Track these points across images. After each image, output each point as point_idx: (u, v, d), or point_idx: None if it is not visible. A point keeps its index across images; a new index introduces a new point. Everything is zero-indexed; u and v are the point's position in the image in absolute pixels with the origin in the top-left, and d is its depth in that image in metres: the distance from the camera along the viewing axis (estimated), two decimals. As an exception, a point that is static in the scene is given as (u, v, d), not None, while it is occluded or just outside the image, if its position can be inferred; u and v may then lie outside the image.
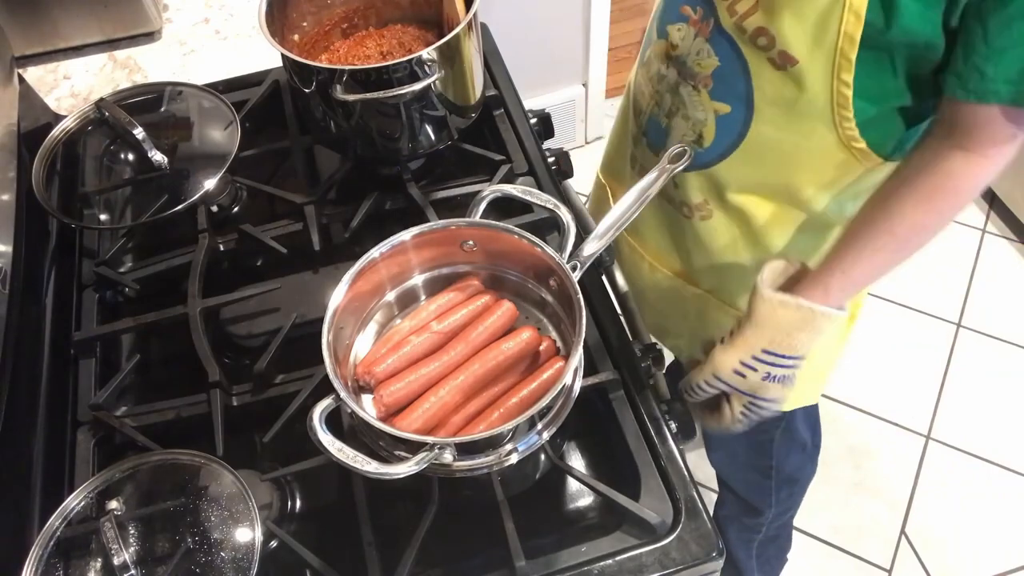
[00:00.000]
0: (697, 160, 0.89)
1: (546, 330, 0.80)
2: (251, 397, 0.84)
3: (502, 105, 1.10)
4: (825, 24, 0.72)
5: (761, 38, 0.77)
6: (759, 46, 0.78)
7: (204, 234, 0.96)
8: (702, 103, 0.87)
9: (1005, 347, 2.04)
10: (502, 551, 0.72)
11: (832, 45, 0.73)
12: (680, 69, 0.88)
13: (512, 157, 1.03)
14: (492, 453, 0.70)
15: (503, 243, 0.78)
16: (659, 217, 1.03)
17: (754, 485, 1.32)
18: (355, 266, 0.74)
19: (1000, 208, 2.26)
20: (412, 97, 0.91)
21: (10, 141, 0.96)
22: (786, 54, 0.76)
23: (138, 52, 1.29)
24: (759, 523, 1.41)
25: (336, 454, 0.62)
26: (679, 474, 0.76)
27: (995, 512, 1.78)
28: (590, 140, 2.50)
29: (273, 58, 1.00)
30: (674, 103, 0.91)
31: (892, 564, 1.73)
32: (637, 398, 0.81)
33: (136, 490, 0.74)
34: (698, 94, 0.87)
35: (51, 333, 0.92)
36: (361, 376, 0.74)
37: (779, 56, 0.77)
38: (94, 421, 0.84)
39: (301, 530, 0.79)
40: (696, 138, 0.89)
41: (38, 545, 0.70)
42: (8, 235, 0.88)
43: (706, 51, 0.84)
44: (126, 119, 0.97)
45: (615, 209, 0.79)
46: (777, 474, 1.27)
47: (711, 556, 0.72)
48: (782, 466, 1.26)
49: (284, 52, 0.89)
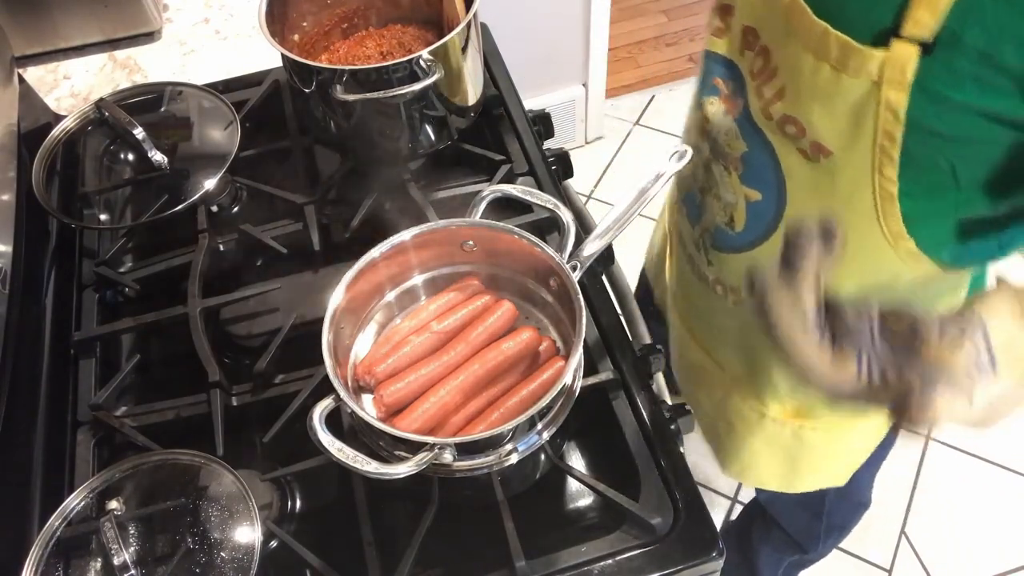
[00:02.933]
0: (733, 242, 0.82)
1: (546, 330, 0.80)
2: (251, 397, 0.84)
3: (502, 105, 1.10)
4: (859, 119, 0.63)
5: (790, 126, 0.68)
6: (788, 134, 0.69)
7: (204, 234, 0.96)
8: (732, 186, 0.79)
9: (1005, 347, 2.04)
10: (502, 551, 0.72)
11: (870, 140, 0.63)
12: (712, 146, 0.81)
13: (512, 157, 1.03)
14: (492, 453, 0.70)
15: (503, 243, 0.78)
16: (692, 292, 0.96)
17: (802, 525, 1.23)
18: (355, 266, 0.74)
19: (1000, 208, 2.26)
20: (412, 97, 0.90)
21: (10, 141, 0.96)
22: (819, 145, 0.67)
23: (138, 52, 1.29)
24: (798, 560, 1.34)
25: (336, 454, 0.62)
26: (679, 474, 0.76)
27: (995, 512, 1.78)
28: (590, 140, 2.50)
29: (273, 58, 1.00)
30: (707, 180, 0.84)
31: (892, 564, 1.73)
32: (637, 398, 0.81)
33: (136, 490, 0.74)
34: (729, 176, 0.79)
35: (51, 333, 0.92)
36: (361, 376, 0.74)
37: (811, 147, 0.68)
38: (94, 421, 0.84)
39: (301, 530, 0.79)
40: (728, 220, 0.82)
41: (38, 545, 0.70)
42: (8, 235, 0.88)
43: (735, 132, 0.76)
44: (126, 119, 0.97)
45: (615, 209, 0.79)
46: (828, 519, 1.18)
47: (711, 556, 0.72)
48: (833, 514, 1.17)
49: (284, 52, 0.89)
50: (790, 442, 0.96)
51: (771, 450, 0.98)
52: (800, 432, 0.94)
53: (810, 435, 0.94)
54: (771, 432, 0.96)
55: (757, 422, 0.96)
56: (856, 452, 0.99)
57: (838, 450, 0.97)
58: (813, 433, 0.93)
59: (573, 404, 0.73)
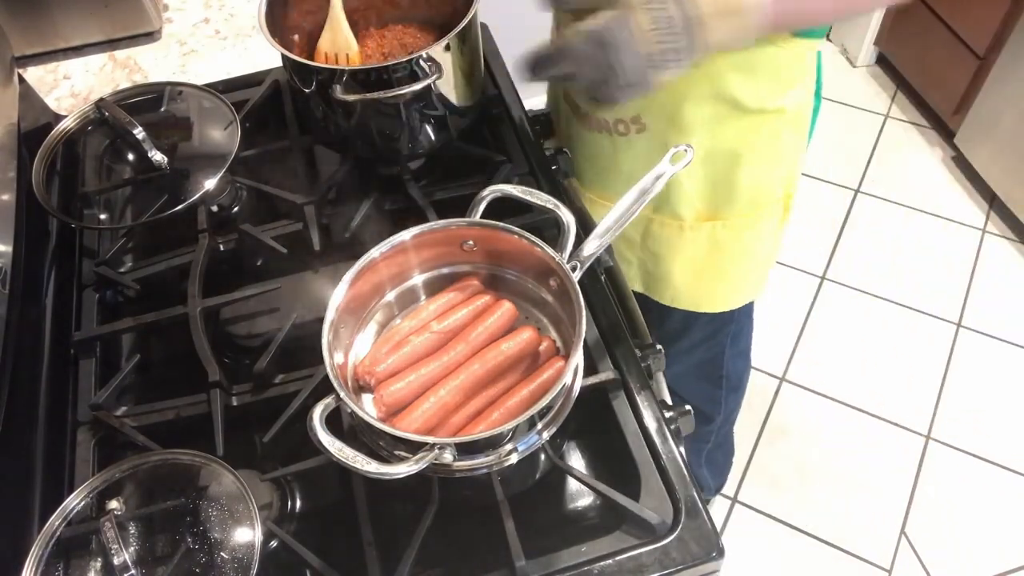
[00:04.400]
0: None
1: (546, 330, 0.80)
2: (251, 397, 0.84)
3: (502, 105, 1.10)
4: None
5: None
6: None
7: (204, 234, 0.96)
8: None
9: (1005, 347, 2.04)
10: (502, 551, 0.72)
11: None
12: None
13: (512, 157, 1.03)
14: (492, 453, 0.70)
15: (503, 243, 0.78)
16: (580, 144, 1.09)
17: (707, 395, 1.44)
18: (355, 266, 0.74)
19: (1000, 208, 2.26)
20: (412, 97, 0.91)
21: (10, 141, 0.96)
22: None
23: (138, 52, 1.29)
24: (709, 431, 1.55)
25: (336, 454, 0.62)
26: (679, 474, 0.76)
27: (995, 512, 1.78)
28: (590, 140, 2.50)
29: (273, 58, 1.00)
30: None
31: (892, 564, 1.73)
32: (637, 398, 0.81)
33: (136, 490, 0.74)
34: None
35: (51, 333, 0.92)
36: (361, 376, 0.74)
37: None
38: (94, 421, 0.84)
39: (301, 530, 0.79)
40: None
41: (38, 545, 0.70)
42: (8, 235, 0.88)
43: None
44: (126, 119, 0.97)
45: (615, 209, 0.79)
46: (727, 382, 1.42)
47: (711, 556, 0.72)
48: (731, 374, 1.40)
49: (284, 52, 0.89)
50: (708, 248, 1.11)
51: (695, 263, 1.13)
52: (714, 233, 1.09)
53: (722, 234, 1.09)
54: (690, 243, 1.10)
55: (678, 238, 1.10)
56: (761, 255, 1.16)
57: (747, 248, 1.12)
58: (724, 231, 1.09)
59: (573, 404, 0.73)
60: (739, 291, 1.21)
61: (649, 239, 1.13)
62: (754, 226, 1.10)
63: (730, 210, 1.07)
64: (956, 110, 2.34)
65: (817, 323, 2.11)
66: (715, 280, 1.17)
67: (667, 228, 1.09)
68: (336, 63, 0.99)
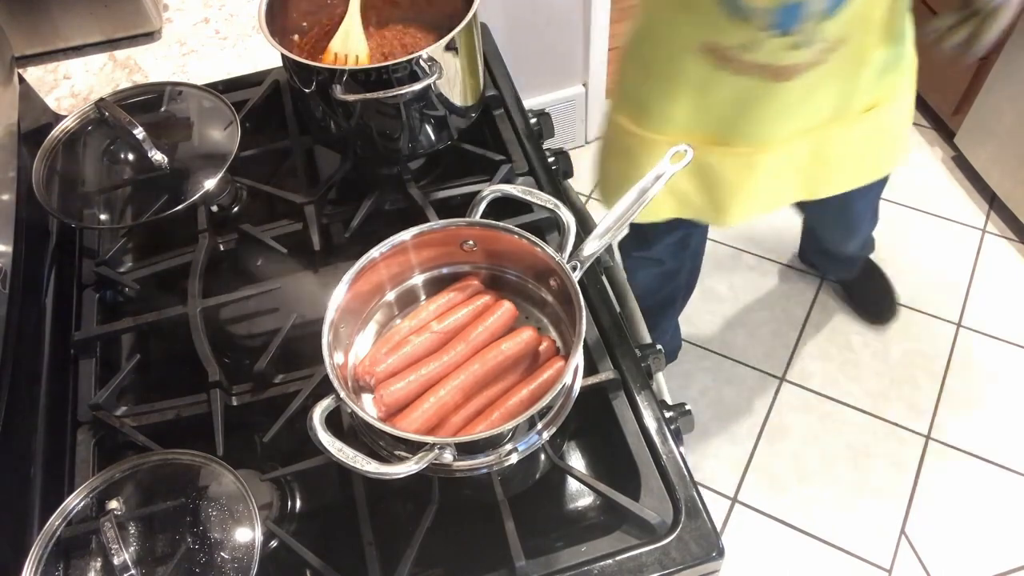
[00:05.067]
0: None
1: (546, 330, 0.80)
2: (251, 397, 0.84)
3: (502, 105, 1.10)
4: None
5: None
6: None
7: (204, 234, 0.96)
8: None
9: (1005, 347, 2.03)
10: (502, 551, 0.72)
11: None
12: None
13: (512, 157, 1.03)
14: (492, 453, 0.70)
15: (503, 243, 0.78)
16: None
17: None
18: (355, 266, 0.74)
19: (1000, 208, 2.26)
20: (412, 97, 0.91)
21: (10, 141, 0.96)
22: None
23: (138, 52, 1.29)
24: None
25: (336, 454, 0.62)
26: (679, 474, 0.76)
27: (995, 512, 1.78)
28: (590, 140, 2.50)
29: (273, 58, 1.01)
30: None
31: (892, 564, 1.73)
32: (637, 398, 0.81)
33: (136, 490, 0.74)
34: None
35: (51, 333, 0.92)
36: (361, 376, 0.74)
37: None
38: (94, 421, 0.84)
39: (301, 530, 0.79)
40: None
41: (38, 545, 0.70)
42: (8, 235, 0.88)
43: None
44: (126, 119, 0.97)
45: (615, 209, 0.79)
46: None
47: (711, 556, 0.72)
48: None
49: (284, 52, 0.89)
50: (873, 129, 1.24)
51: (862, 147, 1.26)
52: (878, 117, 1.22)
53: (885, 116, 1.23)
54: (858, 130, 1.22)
55: (848, 131, 1.20)
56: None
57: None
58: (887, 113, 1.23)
59: (573, 404, 0.73)
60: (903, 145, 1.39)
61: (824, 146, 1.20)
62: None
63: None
64: (956, 110, 2.33)
65: (817, 323, 2.11)
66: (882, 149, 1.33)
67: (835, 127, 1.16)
68: (345, 64, 0.99)
